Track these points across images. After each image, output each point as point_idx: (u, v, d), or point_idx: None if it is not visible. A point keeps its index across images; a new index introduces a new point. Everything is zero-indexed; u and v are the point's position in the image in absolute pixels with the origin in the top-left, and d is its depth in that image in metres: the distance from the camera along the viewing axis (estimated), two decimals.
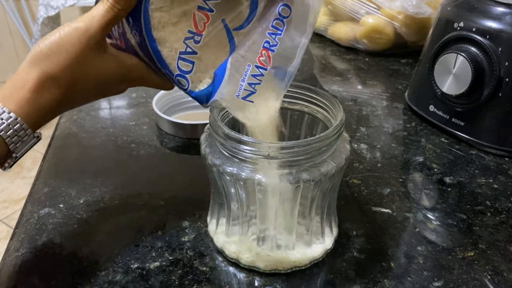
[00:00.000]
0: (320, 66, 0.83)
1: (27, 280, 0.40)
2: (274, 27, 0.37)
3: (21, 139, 0.36)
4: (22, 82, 0.36)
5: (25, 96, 0.36)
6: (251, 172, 0.36)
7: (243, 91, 0.38)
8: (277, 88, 0.39)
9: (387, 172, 0.54)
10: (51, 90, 0.37)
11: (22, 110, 0.36)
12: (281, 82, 0.39)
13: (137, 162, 0.55)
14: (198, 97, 0.40)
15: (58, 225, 0.45)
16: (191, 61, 0.38)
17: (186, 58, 0.38)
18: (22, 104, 0.36)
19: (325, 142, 0.36)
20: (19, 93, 0.36)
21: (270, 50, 0.38)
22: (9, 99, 0.36)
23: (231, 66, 0.38)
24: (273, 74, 0.38)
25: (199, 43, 0.38)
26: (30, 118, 0.36)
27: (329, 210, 0.41)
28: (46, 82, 0.36)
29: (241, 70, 0.38)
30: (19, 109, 0.36)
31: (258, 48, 0.38)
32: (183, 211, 0.48)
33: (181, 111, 0.66)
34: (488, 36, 0.55)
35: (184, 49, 0.38)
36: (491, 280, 0.40)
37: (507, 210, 0.49)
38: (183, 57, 0.38)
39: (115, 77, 0.40)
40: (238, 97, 0.38)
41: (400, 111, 0.68)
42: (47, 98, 0.37)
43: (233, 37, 0.38)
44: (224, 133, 0.36)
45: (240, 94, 0.38)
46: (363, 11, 0.84)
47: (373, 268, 0.41)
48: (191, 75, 0.39)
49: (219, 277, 0.40)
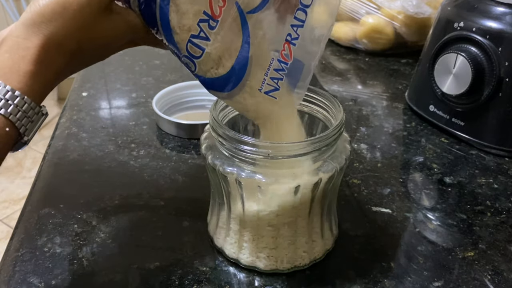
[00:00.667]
0: (320, 66, 0.83)
1: (27, 280, 0.40)
2: (297, 18, 0.35)
3: (30, 120, 0.32)
4: (22, 51, 0.31)
5: (27, 69, 0.31)
6: (251, 172, 0.36)
7: (265, 85, 0.36)
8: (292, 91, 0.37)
9: (387, 172, 0.54)
10: (55, 60, 0.32)
11: (27, 86, 0.31)
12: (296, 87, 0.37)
13: (137, 162, 0.55)
14: (208, 83, 0.37)
15: (58, 225, 0.45)
16: (202, 47, 0.35)
17: (197, 43, 0.35)
18: (26, 79, 0.31)
19: (325, 142, 0.36)
20: (20, 65, 0.31)
21: (292, 43, 0.35)
22: (10, 74, 0.31)
23: (253, 57, 0.35)
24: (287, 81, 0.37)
25: (214, 29, 0.34)
26: (35, 94, 0.32)
27: (329, 210, 0.41)
28: (50, 50, 0.32)
29: (264, 63, 0.36)
30: (23, 86, 0.31)
31: (281, 41, 0.35)
32: (183, 211, 0.48)
33: (181, 111, 0.66)
34: (488, 36, 0.55)
35: (197, 33, 0.34)
36: (491, 280, 0.40)
37: (507, 210, 0.49)
38: (194, 41, 0.35)
39: (122, 39, 0.36)
40: (260, 91, 0.36)
41: (400, 111, 0.68)
42: (51, 69, 0.32)
43: (247, 22, 0.35)
44: (224, 133, 0.36)
45: (262, 88, 0.36)
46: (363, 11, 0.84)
47: (373, 268, 0.41)
48: (199, 61, 0.35)
49: (219, 277, 0.40)
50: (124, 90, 0.72)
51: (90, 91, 0.71)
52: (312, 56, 0.37)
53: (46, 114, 0.34)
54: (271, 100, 0.37)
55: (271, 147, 0.35)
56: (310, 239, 0.41)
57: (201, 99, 0.67)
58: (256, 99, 0.37)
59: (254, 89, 0.36)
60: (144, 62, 0.81)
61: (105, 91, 0.72)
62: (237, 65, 0.36)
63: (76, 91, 0.71)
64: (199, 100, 0.67)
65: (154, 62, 0.81)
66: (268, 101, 0.37)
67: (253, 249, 0.40)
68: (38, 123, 0.33)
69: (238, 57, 0.35)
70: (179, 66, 0.80)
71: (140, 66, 0.79)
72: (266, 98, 0.37)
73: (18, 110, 0.31)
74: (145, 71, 0.78)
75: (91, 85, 0.73)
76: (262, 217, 0.39)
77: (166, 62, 0.81)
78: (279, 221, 0.39)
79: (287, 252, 0.40)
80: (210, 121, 0.39)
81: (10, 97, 0.30)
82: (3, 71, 0.31)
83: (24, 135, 0.32)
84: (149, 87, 0.72)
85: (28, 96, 0.31)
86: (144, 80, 0.75)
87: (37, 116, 0.33)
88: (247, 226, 0.40)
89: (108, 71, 0.78)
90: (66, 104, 0.67)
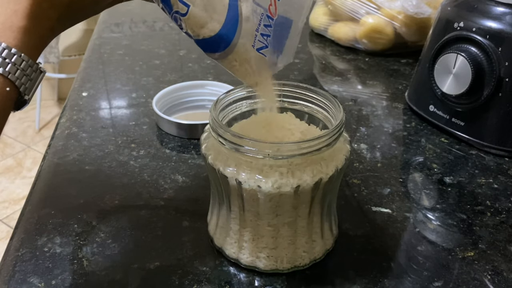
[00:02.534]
0: (320, 66, 0.83)
1: (27, 280, 0.40)
2: None
3: (29, 78, 0.31)
4: (14, 5, 0.30)
5: (21, 24, 0.30)
6: (251, 172, 0.36)
7: (257, 42, 0.35)
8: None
9: (387, 172, 0.54)
10: (48, 14, 0.31)
11: (22, 43, 0.30)
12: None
13: (137, 162, 0.55)
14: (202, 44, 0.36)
15: (58, 225, 0.45)
16: (187, 4, 0.33)
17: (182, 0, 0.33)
18: (20, 35, 0.30)
19: (325, 142, 0.36)
20: (13, 21, 0.30)
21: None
22: (3, 31, 0.30)
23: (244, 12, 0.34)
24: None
25: None
26: (31, 51, 0.31)
27: (329, 210, 0.41)
28: (42, 3, 0.30)
29: (255, 18, 0.35)
30: (18, 42, 0.30)
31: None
32: (183, 211, 0.48)
33: (181, 111, 0.66)
34: (488, 36, 0.55)
35: None
36: (491, 280, 0.40)
37: (507, 210, 0.49)
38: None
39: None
40: (253, 47, 0.35)
41: (400, 111, 0.68)
42: (44, 24, 0.31)
43: None
44: (224, 133, 0.36)
45: (255, 45, 0.35)
46: (363, 11, 0.84)
47: (373, 268, 0.41)
48: (185, 19, 0.34)
49: (219, 277, 0.40)
50: (124, 90, 0.72)
51: (90, 91, 0.71)
52: (298, 13, 0.36)
53: (44, 72, 0.33)
54: (262, 58, 0.36)
55: (271, 147, 0.35)
56: (310, 239, 0.41)
57: (201, 99, 0.67)
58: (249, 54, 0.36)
59: (248, 46, 0.35)
60: (144, 62, 0.81)
61: (105, 91, 0.72)
62: (227, 23, 0.35)
63: (76, 91, 0.71)
64: (199, 100, 0.67)
65: (154, 62, 0.81)
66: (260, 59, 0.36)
67: (253, 249, 0.40)
68: (37, 82, 0.32)
69: (228, 13, 0.34)
70: (179, 66, 0.80)
71: (140, 66, 0.79)
72: (258, 56, 0.36)
73: (17, 68, 0.30)
74: (145, 71, 0.78)
75: (91, 85, 0.73)
76: (262, 217, 0.39)
77: (166, 62, 0.81)
78: (279, 221, 0.39)
79: (287, 252, 0.40)
80: (210, 121, 0.39)
81: (6, 55, 0.29)
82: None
83: (24, 93, 0.31)
84: (149, 87, 0.72)
85: (25, 53, 0.30)
86: (144, 80, 0.75)
87: (36, 74, 0.32)
88: (247, 226, 0.40)
89: (108, 71, 0.78)
90: (66, 104, 0.67)
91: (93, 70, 0.78)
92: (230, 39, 0.35)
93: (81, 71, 0.78)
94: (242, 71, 0.38)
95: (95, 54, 0.84)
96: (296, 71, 0.79)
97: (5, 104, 0.30)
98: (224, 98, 0.41)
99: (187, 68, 0.80)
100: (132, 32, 0.95)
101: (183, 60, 0.82)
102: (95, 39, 0.90)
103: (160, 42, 0.89)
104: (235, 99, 0.42)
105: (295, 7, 0.36)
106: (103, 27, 0.96)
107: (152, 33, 0.95)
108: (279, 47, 0.38)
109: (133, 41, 0.90)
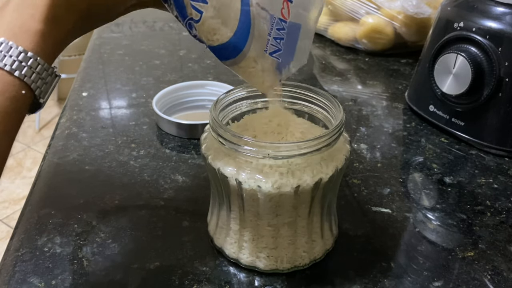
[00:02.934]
0: (320, 66, 0.83)
1: (27, 280, 0.40)
2: None
3: (45, 82, 0.31)
4: (31, 8, 0.30)
5: (38, 28, 0.30)
6: (251, 172, 0.36)
7: (270, 46, 0.35)
8: None
9: (387, 172, 0.54)
10: (65, 18, 0.31)
11: (39, 47, 0.30)
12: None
13: (137, 162, 0.55)
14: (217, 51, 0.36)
15: (58, 225, 0.45)
16: (201, 10, 0.33)
17: (196, 7, 0.34)
18: (37, 39, 0.30)
19: (325, 142, 0.36)
20: (30, 24, 0.30)
21: (289, 0, 0.34)
22: (20, 34, 0.29)
23: (256, 16, 0.34)
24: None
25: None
26: (47, 54, 0.31)
27: (329, 210, 0.41)
28: (59, 7, 0.30)
29: (267, 23, 0.35)
30: (35, 46, 0.30)
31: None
32: (183, 211, 0.48)
33: (181, 111, 0.66)
34: (488, 36, 0.55)
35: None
36: (491, 280, 0.40)
37: (507, 210, 0.49)
38: (193, 4, 0.34)
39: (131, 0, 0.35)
40: (266, 52, 0.35)
41: (400, 111, 0.68)
42: (61, 28, 0.31)
43: None
44: (224, 133, 0.36)
45: (268, 49, 0.35)
46: (363, 11, 0.84)
47: (373, 268, 0.41)
48: (199, 25, 0.34)
49: (219, 277, 0.40)
50: (124, 90, 0.72)
51: (90, 91, 0.71)
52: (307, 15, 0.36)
53: (59, 76, 0.33)
54: (275, 62, 0.36)
55: (271, 147, 0.35)
56: (310, 239, 0.41)
57: (201, 99, 0.67)
58: (263, 61, 0.36)
59: (260, 51, 0.35)
60: (144, 62, 0.81)
61: (105, 91, 0.72)
62: (239, 30, 0.35)
63: (76, 91, 0.71)
64: (199, 100, 0.67)
65: (154, 62, 0.81)
66: (272, 63, 0.36)
67: (253, 249, 0.40)
68: (52, 85, 0.32)
69: (240, 19, 0.35)
70: (179, 66, 0.80)
71: (140, 66, 0.79)
72: (271, 60, 0.36)
73: (32, 72, 0.30)
74: (145, 71, 0.78)
75: (91, 85, 0.73)
76: (262, 217, 0.39)
77: (166, 62, 0.81)
78: (279, 221, 0.39)
79: (287, 252, 0.40)
80: (210, 121, 0.39)
81: (23, 58, 0.29)
82: (13, 31, 0.29)
83: (39, 97, 0.31)
84: (149, 87, 0.72)
85: (41, 57, 0.30)
86: (144, 80, 0.75)
87: (51, 78, 0.32)
88: (247, 226, 0.40)
89: (108, 71, 0.78)
90: (66, 104, 0.67)
91: (93, 70, 0.78)
92: (243, 44, 0.35)
93: (81, 71, 0.78)
94: (255, 76, 0.38)
95: (95, 54, 0.84)
96: (296, 71, 0.79)
97: (20, 106, 0.30)
98: (224, 98, 0.41)
99: (187, 68, 0.80)
100: (132, 32, 0.95)
101: (183, 60, 0.82)
102: (95, 39, 0.90)
103: (160, 42, 0.89)
104: (235, 99, 0.42)
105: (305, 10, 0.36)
106: (103, 27, 0.96)
107: (152, 33, 0.95)
108: (291, 50, 0.38)
109: (133, 41, 0.90)
